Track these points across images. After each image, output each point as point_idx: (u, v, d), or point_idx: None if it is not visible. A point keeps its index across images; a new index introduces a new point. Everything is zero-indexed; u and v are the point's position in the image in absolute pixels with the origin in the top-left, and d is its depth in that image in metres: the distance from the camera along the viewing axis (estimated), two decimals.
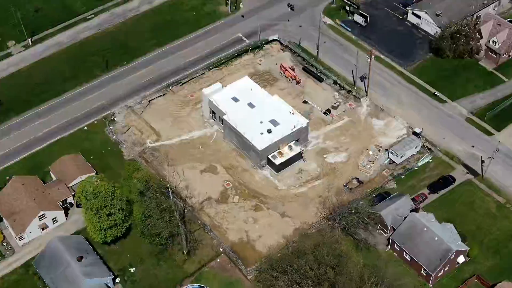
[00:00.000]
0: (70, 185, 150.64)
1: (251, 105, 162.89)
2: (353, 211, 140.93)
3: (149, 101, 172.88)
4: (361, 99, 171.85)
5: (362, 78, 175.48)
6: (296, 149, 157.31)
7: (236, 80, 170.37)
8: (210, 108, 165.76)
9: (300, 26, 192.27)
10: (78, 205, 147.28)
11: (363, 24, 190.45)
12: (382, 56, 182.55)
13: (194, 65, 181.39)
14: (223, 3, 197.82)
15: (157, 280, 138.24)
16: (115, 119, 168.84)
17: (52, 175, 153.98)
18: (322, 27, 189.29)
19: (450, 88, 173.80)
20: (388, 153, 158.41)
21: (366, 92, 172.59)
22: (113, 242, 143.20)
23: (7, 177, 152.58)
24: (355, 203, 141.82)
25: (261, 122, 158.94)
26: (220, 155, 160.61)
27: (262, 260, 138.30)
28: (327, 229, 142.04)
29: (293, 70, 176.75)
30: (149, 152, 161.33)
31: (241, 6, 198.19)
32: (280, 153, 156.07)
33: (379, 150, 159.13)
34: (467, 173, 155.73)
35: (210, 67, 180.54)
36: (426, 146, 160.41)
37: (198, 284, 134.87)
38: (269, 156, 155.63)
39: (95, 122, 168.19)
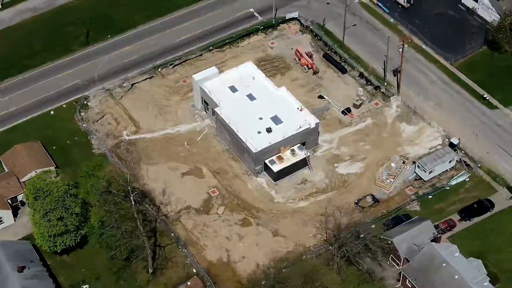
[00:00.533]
0: (23, 179, 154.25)
1: (251, 97, 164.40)
2: (361, 235, 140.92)
3: (132, 84, 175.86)
4: (391, 98, 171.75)
5: (396, 72, 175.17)
6: (301, 155, 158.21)
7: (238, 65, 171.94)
8: (202, 98, 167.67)
9: (328, 3, 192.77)
10: None
11: (405, 4, 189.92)
12: (424, 47, 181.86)
13: (191, 44, 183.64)
14: None
15: None
16: (89, 103, 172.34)
17: (4, 167, 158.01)
18: (354, 6, 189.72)
19: (505, 91, 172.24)
20: (415, 166, 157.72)
21: (398, 89, 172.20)
22: (67, 252, 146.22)
23: None
24: (361, 226, 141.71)
25: (260, 119, 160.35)
26: (209, 156, 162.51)
27: None
28: (325, 255, 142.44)
29: (310, 57, 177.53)
30: (123, 147, 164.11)
31: None
32: (280, 158, 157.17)
33: (403, 163, 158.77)
34: None
35: (211, 47, 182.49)
36: (464, 161, 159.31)
37: None
38: (267, 161, 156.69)
39: (64, 106, 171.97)
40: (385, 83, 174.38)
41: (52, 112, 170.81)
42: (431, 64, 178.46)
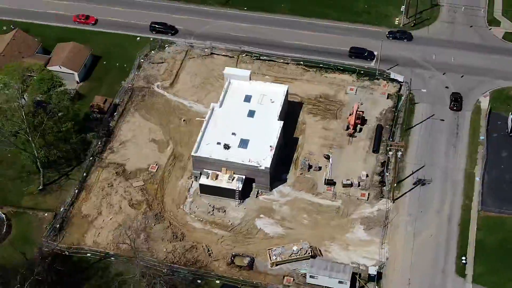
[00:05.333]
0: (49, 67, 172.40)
1: (251, 113, 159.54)
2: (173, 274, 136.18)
3: (211, 53, 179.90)
4: (381, 200, 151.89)
5: (418, 182, 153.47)
6: (233, 185, 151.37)
7: (297, 89, 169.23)
8: None
9: (447, 87, 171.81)
10: None
11: (510, 132, 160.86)
12: (477, 179, 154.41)
13: (294, 51, 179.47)
14: (404, 13, 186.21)
15: None
16: (166, 48, 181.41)
17: (53, 52, 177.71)
18: (470, 107, 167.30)
19: (492, 272, 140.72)
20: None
21: (394, 199, 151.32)
22: (15, 136, 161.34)
23: (11, 26, 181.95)
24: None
25: (233, 134, 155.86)
26: (186, 140, 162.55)
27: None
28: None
29: (358, 119, 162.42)
30: (142, 93, 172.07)
31: (429, 29, 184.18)
32: (215, 176, 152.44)
33: (310, 253, 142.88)
34: None
35: (302, 62, 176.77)
36: None
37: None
38: (204, 171, 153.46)
39: (151, 39, 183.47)
40: (395, 184, 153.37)
41: (138, 39, 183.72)
42: (459, 198, 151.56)
